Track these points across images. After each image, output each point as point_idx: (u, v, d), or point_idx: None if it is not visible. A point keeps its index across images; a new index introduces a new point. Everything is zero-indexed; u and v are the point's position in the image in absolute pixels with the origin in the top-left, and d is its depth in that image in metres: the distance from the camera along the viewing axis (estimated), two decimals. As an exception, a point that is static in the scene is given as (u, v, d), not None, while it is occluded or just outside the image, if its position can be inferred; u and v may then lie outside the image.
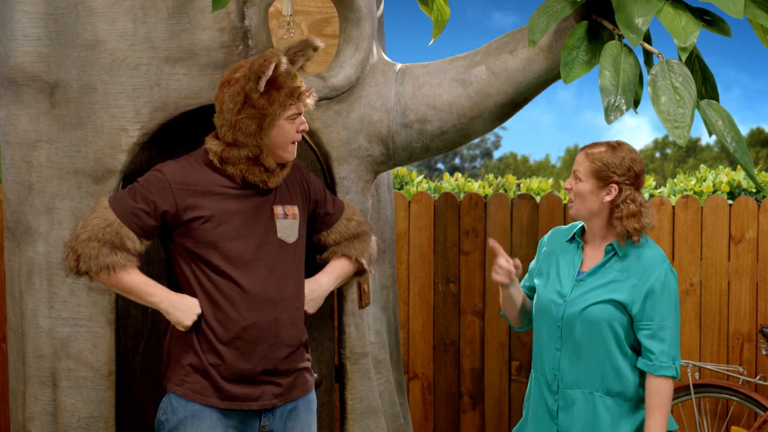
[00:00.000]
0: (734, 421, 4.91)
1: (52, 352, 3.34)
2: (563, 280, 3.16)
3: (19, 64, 3.31)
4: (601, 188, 3.09)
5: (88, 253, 2.89)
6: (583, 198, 3.12)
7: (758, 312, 4.94)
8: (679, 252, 4.98)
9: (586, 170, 3.11)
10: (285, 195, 3.08)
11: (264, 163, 2.99)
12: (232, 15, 3.25)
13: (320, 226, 3.23)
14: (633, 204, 3.08)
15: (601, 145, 3.14)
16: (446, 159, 21.62)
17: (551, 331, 3.15)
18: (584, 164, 3.12)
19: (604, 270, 3.12)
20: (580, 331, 3.08)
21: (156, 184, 2.95)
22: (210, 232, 2.93)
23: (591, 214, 3.13)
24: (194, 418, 2.93)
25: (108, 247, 2.89)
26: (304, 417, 3.09)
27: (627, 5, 3.15)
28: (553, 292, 3.16)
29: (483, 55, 3.51)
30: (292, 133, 3.01)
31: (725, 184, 5.71)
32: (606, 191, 3.09)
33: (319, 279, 3.20)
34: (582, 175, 3.12)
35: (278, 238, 3.01)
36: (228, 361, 2.94)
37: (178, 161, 3.03)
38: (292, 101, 2.96)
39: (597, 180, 3.09)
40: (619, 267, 3.10)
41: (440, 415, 5.12)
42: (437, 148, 3.57)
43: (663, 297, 3.05)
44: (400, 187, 6.08)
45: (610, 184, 3.08)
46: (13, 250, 3.43)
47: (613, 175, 3.08)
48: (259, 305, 2.95)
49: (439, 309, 5.09)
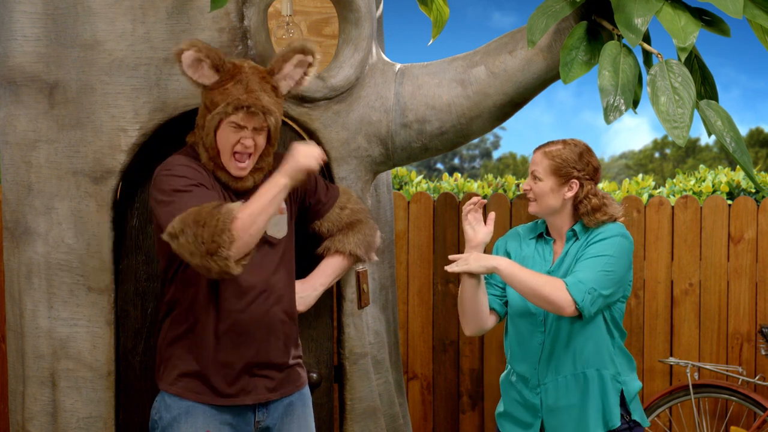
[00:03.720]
0: (733, 421, 4.91)
1: (51, 352, 3.34)
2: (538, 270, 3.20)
3: (19, 65, 3.31)
4: (561, 185, 3.15)
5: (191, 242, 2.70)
6: (544, 196, 3.16)
7: (757, 312, 4.94)
8: (678, 252, 4.98)
9: (545, 169, 3.15)
10: None
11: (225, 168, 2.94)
12: (231, 15, 3.25)
13: (312, 215, 3.20)
14: (595, 198, 3.15)
15: (558, 143, 3.19)
16: (445, 159, 21.61)
17: (533, 327, 3.20)
18: (543, 163, 3.16)
19: (569, 254, 3.17)
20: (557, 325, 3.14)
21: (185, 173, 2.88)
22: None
23: (552, 212, 3.18)
24: (188, 415, 2.93)
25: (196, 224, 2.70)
26: (300, 412, 3.09)
27: (626, 5, 3.15)
28: None
29: (482, 56, 3.51)
30: (232, 141, 2.89)
31: (724, 184, 5.71)
32: (567, 187, 3.15)
33: (312, 281, 3.19)
34: (541, 174, 3.16)
35: (267, 233, 2.99)
36: (220, 355, 2.94)
37: (175, 156, 3.00)
38: (238, 106, 2.87)
39: (557, 177, 3.15)
40: (580, 244, 3.16)
41: (439, 415, 5.12)
42: (436, 148, 3.56)
43: (605, 242, 3.11)
44: (400, 187, 6.07)
45: (570, 180, 3.14)
46: (12, 250, 3.43)
47: (573, 170, 3.14)
48: (249, 299, 2.95)
49: (439, 309, 5.09)
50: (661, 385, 4.98)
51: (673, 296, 4.99)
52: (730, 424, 4.91)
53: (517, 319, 3.25)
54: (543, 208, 3.18)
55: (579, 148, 3.18)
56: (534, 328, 3.21)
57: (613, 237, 3.13)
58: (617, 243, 3.12)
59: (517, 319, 3.26)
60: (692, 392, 4.71)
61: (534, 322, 3.21)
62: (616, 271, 3.10)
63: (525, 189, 3.22)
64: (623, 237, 3.15)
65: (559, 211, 3.19)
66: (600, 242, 3.12)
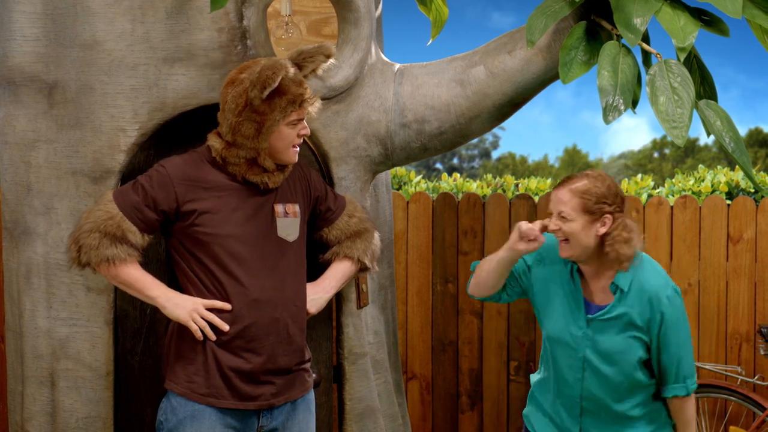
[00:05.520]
0: (732, 421, 4.91)
1: (50, 352, 3.34)
2: (573, 312, 3.10)
3: (18, 65, 3.31)
4: (593, 222, 2.99)
5: (89, 244, 2.91)
6: (576, 237, 2.99)
7: (756, 312, 4.94)
8: (677, 252, 4.98)
9: (575, 207, 2.98)
10: (286, 193, 3.08)
11: (262, 165, 2.99)
12: (230, 15, 3.25)
13: (321, 222, 3.23)
14: (625, 231, 3.00)
15: (582, 178, 3.03)
16: (445, 159, 21.60)
17: (572, 361, 3.12)
18: (572, 202, 2.99)
19: (617, 307, 3.06)
20: (605, 366, 3.07)
21: (158, 180, 2.96)
22: (209, 229, 2.93)
23: (587, 252, 3.02)
24: (193, 419, 2.94)
25: (109, 239, 2.91)
26: (302, 417, 3.09)
27: (625, 5, 3.15)
28: (565, 322, 3.11)
29: (481, 56, 3.51)
30: (292, 137, 3.00)
31: (723, 184, 5.71)
32: (600, 223, 2.99)
33: (323, 283, 3.19)
34: (570, 213, 2.99)
35: (279, 236, 3.01)
36: (227, 359, 2.94)
37: (182, 156, 3.04)
38: (294, 108, 2.96)
39: (588, 215, 2.98)
40: (627, 300, 3.04)
41: (438, 415, 5.12)
42: (436, 148, 3.57)
43: (675, 323, 3.04)
44: (399, 187, 6.08)
45: (603, 216, 2.99)
46: (11, 250, 3.43)
47: (604, 205, 2.99)
48: (259, 304, 2.95)
49: (438, 309, 5.09)
50: (660, 385, 4.98)
51: (672, 296, 4.99)
52: (729, 424, 4.91)
53: (555, 349, 3.18)
54: (576, 250, 2.99)
55: (607, 180, 3.01)
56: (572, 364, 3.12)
57: (677, 309, 3.03)
58: (682, 314, 3.05)
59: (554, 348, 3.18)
60: (691, 392, 4.71)
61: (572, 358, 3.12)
62: (689, 337, 3.08)
63: (552, 230, 3.02)
64: (678, 295, 3.05)
65: (594, 250, 3.01)
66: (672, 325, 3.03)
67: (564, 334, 3.11)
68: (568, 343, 3.11)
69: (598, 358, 3.07)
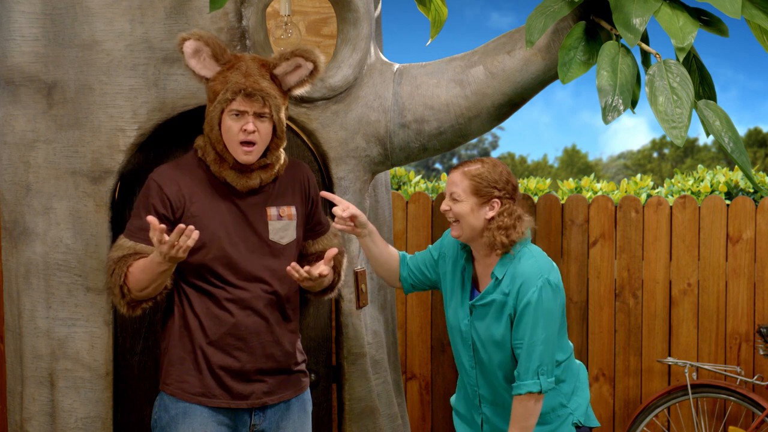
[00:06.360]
0: (732, 421, 4.92)
1: (49, 352, 3.34)
2: (462, 300, 3.14)
3: (17, 65, 3.31)
4: (482, 205, 3.04)
5: (114, 281, 2.94)
6: (465, 218, 3.04)
7: (755, 312, 4.95)
8: (676, 252, 4.98)
9: (465, 189, 3.04)
10: (281, 195, 3.06)
11: (229, 161, 2.95)
12: (229, 15, 3.25)
13: (309, 233, 3.18)
14: (508, 218, 3.04)
15: (476, 163, 3.08)
16: (444, 159, 21.59)
17: (465, 349, 3.15)
18: (462, 183, 3.05)
19: (491, 293, 3.07)
20: (488, 352, 3.09)
21: (151, 190, 2.96)
22: (199, 232, 2.91)
23: (475, 233, 3.06)
24: (185, 416, 2.95)
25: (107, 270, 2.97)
26: (296, 416, 3.09)
27: (624, 5, 3.15)
28: (456, 310, 3.15)
29: (481, 56, 3.51)
30: (235, 131, 2.92)
31: (723, 184, 5.72)
32: (488, 207, 3.04)
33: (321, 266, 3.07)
34: (460, 195, 3.05)
35: (270, 239, 3.00)
36: (217, 358, 2.94)
37: (170, 163, 3.04)
38: (233, 96, 2.89)
39: (478, 197, 3.04)
40: (501, 287, 3.05)
41: (438, 415, 5.12)
42: (435, 148, 3.57)
43: (534, 310, 2.99)
44: (398, 187, 6.08)
45: (492, 200, 3.04)
46: (10, 250, 3.43)
47: (494, 190, 3.04)
48: (249, 304, 2.95)
49: (437, 309, 5.09)
50: (659, 385, 4.99)
51: (672, 296, 4.99)
52: (728, 424, 4.91)
53: (454, 336, 3.20)
54: (466, 230, 3.06)
55: (499, 167, 3.07)
56: (465, 351, 3.16)
57: (542, 302, 2.99)
58: (545, 308, 3.00)
59: (453, 335, 3.21)
60: (690, 392, 4.71)
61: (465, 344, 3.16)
62: (553, 331, 3.02)
63: (444, 210, 3.09)
64: (550, 290, 3.01)
65: (481, 233, 3.05)
66: (531, 315, 2.99)
67: (455, 321, 3.15)
68: (460, 330, 3.14)
69: (481, 344, 3.09)
